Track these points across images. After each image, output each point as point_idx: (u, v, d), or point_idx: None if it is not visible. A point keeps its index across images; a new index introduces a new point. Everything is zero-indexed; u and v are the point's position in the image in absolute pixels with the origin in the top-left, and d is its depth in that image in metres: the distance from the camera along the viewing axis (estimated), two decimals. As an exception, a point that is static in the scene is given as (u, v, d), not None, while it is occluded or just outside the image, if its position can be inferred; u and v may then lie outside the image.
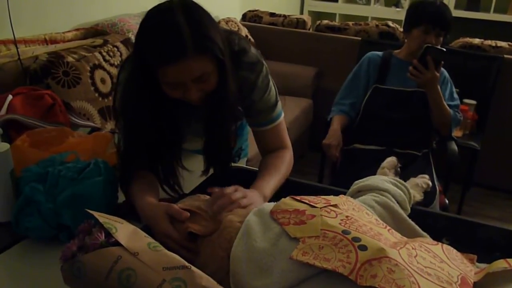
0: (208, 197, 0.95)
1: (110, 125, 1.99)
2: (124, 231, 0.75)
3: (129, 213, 0.99)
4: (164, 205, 0.91)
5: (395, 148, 1.92)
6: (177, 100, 1.01)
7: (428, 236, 0.91)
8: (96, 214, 0.77)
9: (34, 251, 0.97)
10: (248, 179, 1.15)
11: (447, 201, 1.95)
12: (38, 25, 2.10)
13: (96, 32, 2.33)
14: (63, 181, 0.96)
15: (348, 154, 2.02)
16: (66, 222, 0.94)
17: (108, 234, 0.73)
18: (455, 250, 0.83)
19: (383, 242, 0.73)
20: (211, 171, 1.18)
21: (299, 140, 2.97)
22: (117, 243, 0.72)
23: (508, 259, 0.79)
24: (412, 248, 0.75)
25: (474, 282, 0.74)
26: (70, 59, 1.90)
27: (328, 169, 2.31)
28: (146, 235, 0.77)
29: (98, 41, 2.16)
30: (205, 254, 0.81)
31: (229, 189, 0.94)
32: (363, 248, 0.70)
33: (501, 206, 2.88)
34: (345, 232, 0.74)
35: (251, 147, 1.47)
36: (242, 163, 1.54)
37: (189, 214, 0.87)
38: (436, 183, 1.87)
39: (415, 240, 0.81)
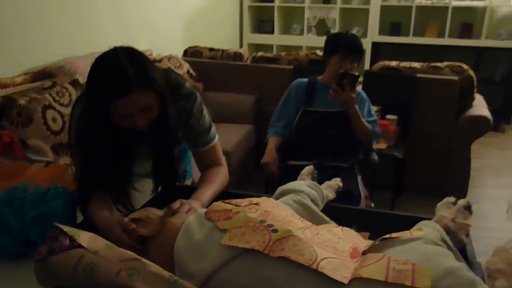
0: (154, 209, 1.13)
1: (63, 160, 2.12)
2: (85, 236, 0.92)
3: (88, 230, 1.15)
4: (117, 217, 1.09)
5: (324, 162, 2.12)
6: (126, 129, 1.20)
7: (334, 223, 1.13)
8: (61, 226, 0.94)
9: (4, 269, 1.10)
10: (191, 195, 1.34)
11: (372, 205, 2.20)
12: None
13: (44, 75, 2.44)
14: (28, 204, 1.12)
15: (285, 170, 2.23)
16: (33, 239, 1.10)
17: (72, 240, 0.90)
18: (352, 230, 1.06)
19: (291, 226, 0.94)
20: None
21: (244, 163, 3.14)
22: (80, 246, 0.89)
23: (392, 234, 1.02)
24: (315, 229, 0.97)
25: (364, 250, 0.97)
26: (21, 101, 2.03)
27: (270, 186, 2.52)
28: (103, 239, 0.95)
29: (47, 83, 2.28)
30: (154, 250, 0.99)
31: (176, 205, 1.12)
32: (275, 231, 0.91)
33: (430, 208, 3.16)
34: (262, 221, 0.94)
35: (195, 170, 1.65)
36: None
37: (135, 225, 1.05)
38: (361, 189, 2.11)
39: (322, 225, 1.03)
